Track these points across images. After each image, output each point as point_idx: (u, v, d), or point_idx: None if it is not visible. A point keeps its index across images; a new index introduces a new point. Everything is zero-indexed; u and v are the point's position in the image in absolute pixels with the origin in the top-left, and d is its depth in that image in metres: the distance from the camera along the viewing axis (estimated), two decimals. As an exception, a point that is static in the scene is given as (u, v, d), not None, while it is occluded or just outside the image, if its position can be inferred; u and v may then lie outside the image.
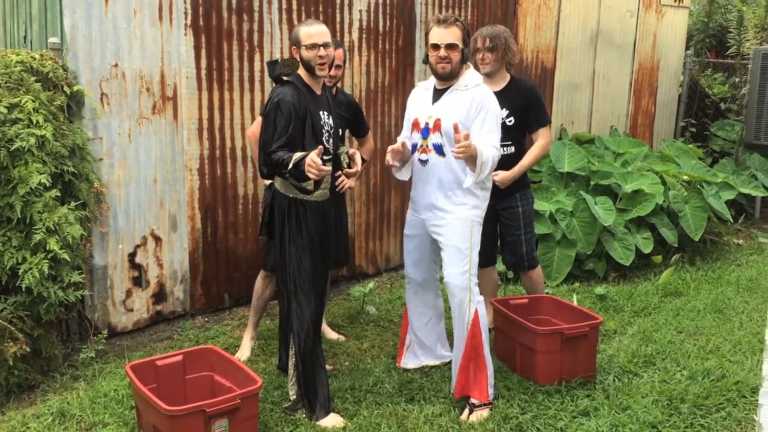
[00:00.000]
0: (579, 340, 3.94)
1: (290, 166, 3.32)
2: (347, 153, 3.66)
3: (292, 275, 3.55)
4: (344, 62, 4.36)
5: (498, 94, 4.08)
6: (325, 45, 3.48)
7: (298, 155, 3.34)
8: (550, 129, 4.49)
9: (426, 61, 3.71)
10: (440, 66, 3.62)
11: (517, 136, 4.35)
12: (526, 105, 4.32)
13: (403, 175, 3.89)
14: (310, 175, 3.26)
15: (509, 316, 4.10)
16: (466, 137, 3.37)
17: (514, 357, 4.13)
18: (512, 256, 4.54)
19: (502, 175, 4.17)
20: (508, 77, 4.35)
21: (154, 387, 3.32)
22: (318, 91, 3.59)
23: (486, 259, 4.40)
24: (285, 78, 3.53)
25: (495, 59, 4.23)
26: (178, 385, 3.45)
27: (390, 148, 3.69)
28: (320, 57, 3.46)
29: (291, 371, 3.65)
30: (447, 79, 3.67)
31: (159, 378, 3.39)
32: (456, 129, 3.40)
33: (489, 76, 4.23)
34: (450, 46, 3.58)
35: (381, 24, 5.52)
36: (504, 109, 4.16)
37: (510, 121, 4.29)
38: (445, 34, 3.58)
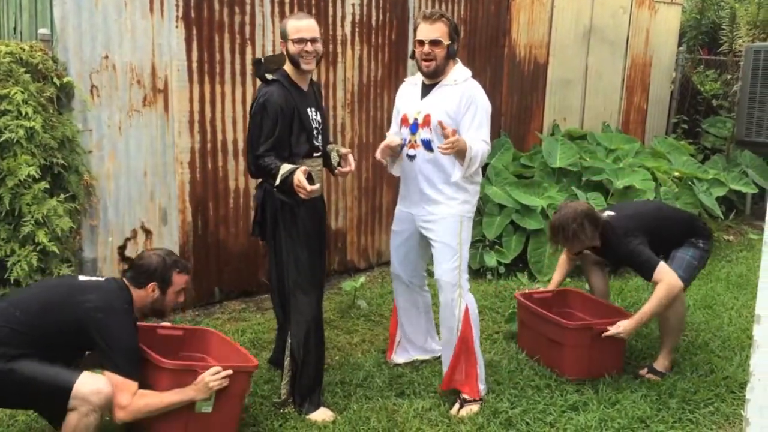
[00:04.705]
0: None
1: (277, 181, 3.30)
2: (337, 151, 3.60)
3: (290, 272, 3.51)
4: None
5: (601, 255, 4.18)
6: (313, 40, 3.40)
7: (284, 170, 3.29)
8: (662, 266, 3.81)
9: (413, 56, 3.69)
10: (424, 64, 3.59)
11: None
12: (628, 264, 4.11)
13: (396, 171, 3.86)
14: (300, 196, 3.25)
15: (536, 311, 4.09)
16: (454, 133, 3.35)
17: (540, 350, 4.13)
18: None
19: (625, 327, 3.79)
20: (598, 237, 3.99)
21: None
22: (305, 87, 3.52)
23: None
24: (271, 77, 3.45)
25: (577, 247, 4.04)
26: (171, 358, 3.44)
27: (382, 144, 3.67)
28: (306, 52, 3.39)
29: (286, 370, 3.60)
30: (431, 76, 3.63)
31: (155, 345, 3.36)
32: (442, 125, 3.39)
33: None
34: (434, 42, 3.54)
35: (374, 18, 5.50)
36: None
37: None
38: (429, 30, 3.54)
